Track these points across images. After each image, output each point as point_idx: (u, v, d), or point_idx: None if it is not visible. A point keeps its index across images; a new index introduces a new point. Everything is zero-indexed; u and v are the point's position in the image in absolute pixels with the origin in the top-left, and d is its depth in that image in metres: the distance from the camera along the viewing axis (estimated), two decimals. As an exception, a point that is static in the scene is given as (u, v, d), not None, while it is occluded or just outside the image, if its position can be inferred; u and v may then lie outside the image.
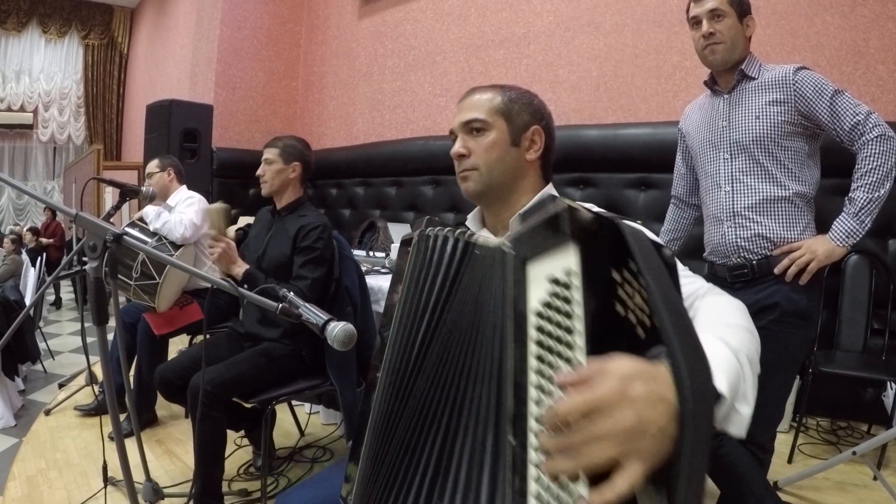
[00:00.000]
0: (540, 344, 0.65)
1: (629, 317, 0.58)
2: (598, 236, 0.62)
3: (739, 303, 0.88)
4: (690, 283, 0.94)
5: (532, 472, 0.61)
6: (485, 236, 0.92)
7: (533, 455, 0.62)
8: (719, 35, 1.74)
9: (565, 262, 0.63)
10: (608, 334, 0.59)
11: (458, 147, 1.17)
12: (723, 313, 0.83)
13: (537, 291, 0.67)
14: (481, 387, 0.75)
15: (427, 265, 0.93)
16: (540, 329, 0.66)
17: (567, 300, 0.62)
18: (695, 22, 1.79)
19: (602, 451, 0.52)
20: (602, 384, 0.53)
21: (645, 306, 0.56)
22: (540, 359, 0.65)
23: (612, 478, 0.51)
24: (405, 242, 1.06)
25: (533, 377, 0.65)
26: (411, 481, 0.82)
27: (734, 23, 1.74)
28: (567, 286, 0.62)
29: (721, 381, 0.65)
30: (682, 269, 0.97)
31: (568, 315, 0.62)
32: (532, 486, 0.60)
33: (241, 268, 2.20)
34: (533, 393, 0.64)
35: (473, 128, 1.16)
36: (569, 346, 0.61)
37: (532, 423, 0.63)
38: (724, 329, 0.77)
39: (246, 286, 2.13)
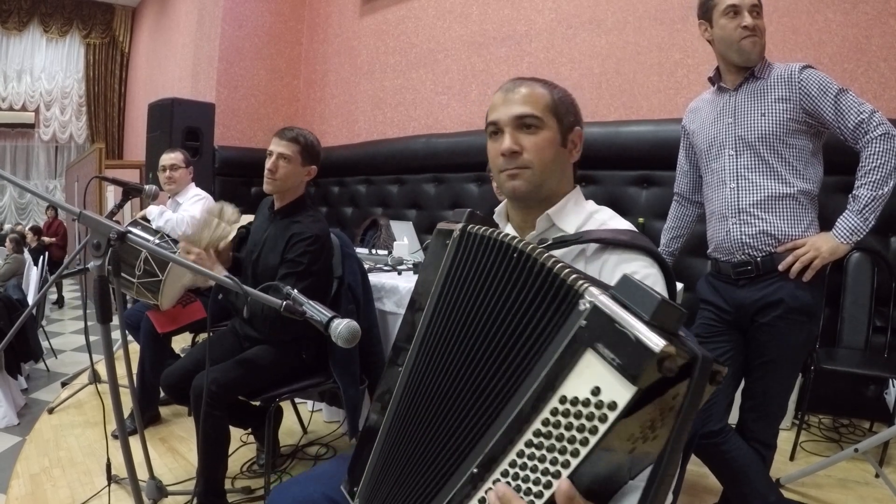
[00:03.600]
0: (545, 423, 0.67)
1: (633, 451, 0.66)
2: (661, 384, 0.61)
3: None
4: None
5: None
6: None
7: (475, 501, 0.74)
8: (759, 31, 1.74)
9: (617, 394, 0.61)
10: (602, 465, 0.65)
11: (510, 143, 1.08)
12: None
13: (577, 384, 0.65)
14: (483, 405, 0.78)
15: (507, 281, 0.81)
16: (554, 414, 0.66)
17: (594, 427, 0.62)
18: (734, 11, 1.74)
19: None
20: None
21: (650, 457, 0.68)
22: (533, 439, 0.68)
23: None
24: (443, 234, 0.98)
25: (520, 446, 0.69)
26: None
27: (763, 23, 1.75)
28: (603, 418, 0.62)
29: None
30: None
31: (583, 434, 0.63)
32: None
33: (219, 273, 2.15)
34: (507, 458, 0.70)
35: (526, 124, 1.09)
36: (562, 459, 0.65)
37: (488, 484, 0.73)
38: None
39: (220, 296, 2.08)
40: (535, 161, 1.09)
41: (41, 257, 4.76)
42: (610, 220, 1.12)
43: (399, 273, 2.76)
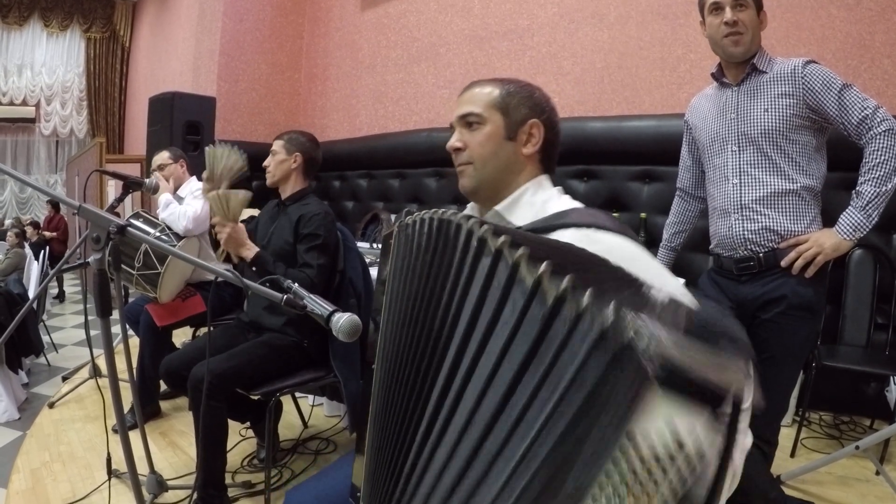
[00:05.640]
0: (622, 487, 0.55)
1: None
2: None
3: None
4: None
5: None
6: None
7: None
8: (741, 25, 1.72)
9: (699, 441, 0.52)
10: None
11: (453, 140, 1.16)
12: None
13: (655, 433, 0.53)
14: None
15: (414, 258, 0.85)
16: (635, 475, 0.54)
17: (682, 479, 0.52)
18: (716, 7, 1.75)
19: None
20: None
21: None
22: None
23: None
24: (386, 238, 1.02)
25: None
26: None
27: (754, 15, 1.73)
28: (692, 469, 0.52)
29: None
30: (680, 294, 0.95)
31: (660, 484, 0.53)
32: None
33: (250, 250, 2.20)
34: None
35: (469, 122, 1.15)
36: None
37: None
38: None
39: (255, 269, 2.15)
40: (475, 156, 1.13)
41: (42, 252, 4.76)
42: (563, 206, 1.08)
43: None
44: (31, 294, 4.08)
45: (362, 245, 3.20)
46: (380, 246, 3.31)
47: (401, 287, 0.91)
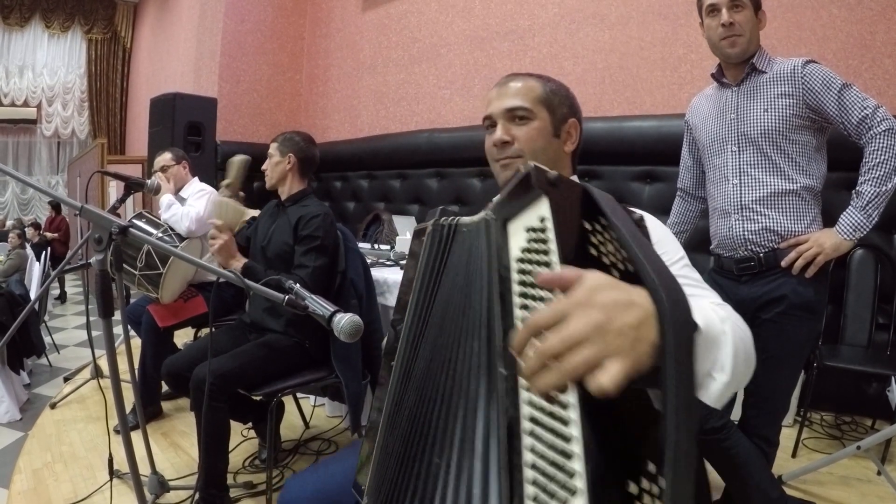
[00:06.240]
0: (523, 283, 0.68)
1: (603, 259, 0.61)
2: (563, 190, 0.68)
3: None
4: (703, 292, 0.92)
5: (524, 395, 0.62)
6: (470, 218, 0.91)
7: (524, 380, 0.63)
8: (738, 26, 1.72)
9: (539, 212, 0.68)
10: (584, 267, 0.60)
11: (501, 134, 1.13)
12: (720, 307, 0.83)
13: (517, 241, 0.72)
14: (472, 341, 0.76)
15: (432, 255, 0.93)
16: (522, 271, 0.69)
17: (543, 241, 0.66)
18: (712, 10, 1.76)
19: (577, 355, 0.51)
20: (569, 296, 0.54)
21: (617, 252, 0.59)
22: (524, 296, 0.68)
23: (595, 375, 0.49)
24: (418, 233, 1.05)
25: (518, 312, 0.67)
26: (420, 456, 0.81)
27: (751, 15, 1.73)
28: (542, 230, 0.67)
29: (698, 320, 0.67)
30: (696, 278, 0.97)
31: (545, 252, 0.65)
32: (525, 409, 0.61)
33: (239, 262, 2.21)
34: (520, 326, 0.64)
35: (517, 115, 1.13)
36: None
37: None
38: (717, 308, 0.79)
39: (246, 279, 2.14)
40: (525, 150, 1.13)
41: (43, 253, 4.76)
42: None
43: (402, 268, 2.76)
44: (33, 295, 4.08)
45: (363, 246, 3.20)
46: (381, 247, 3.30)
47: (424, 289, 0.93)
